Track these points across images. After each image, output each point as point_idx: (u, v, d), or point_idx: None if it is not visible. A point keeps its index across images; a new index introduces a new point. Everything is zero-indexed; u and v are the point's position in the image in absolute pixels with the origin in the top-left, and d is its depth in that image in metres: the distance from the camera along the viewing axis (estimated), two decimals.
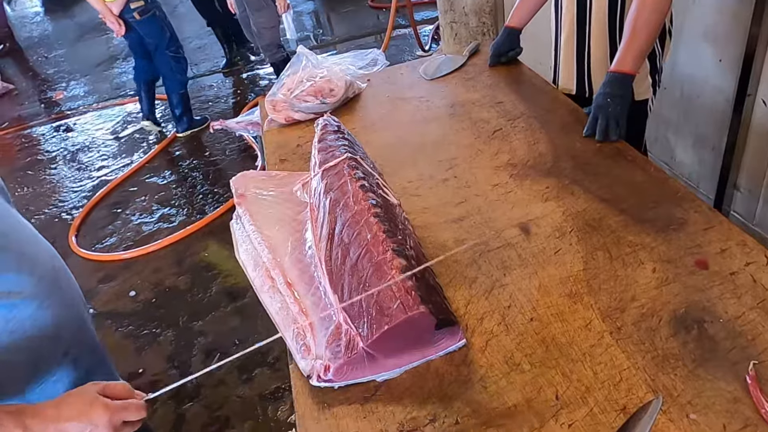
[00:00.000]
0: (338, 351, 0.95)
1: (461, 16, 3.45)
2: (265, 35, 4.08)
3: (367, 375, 0.97)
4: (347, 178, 1.16)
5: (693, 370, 0.92)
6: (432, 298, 0.94)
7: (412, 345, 0.97)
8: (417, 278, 0.96)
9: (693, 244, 1.16)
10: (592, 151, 1.49)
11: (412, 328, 0.93)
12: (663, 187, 1.33)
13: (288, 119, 1.88)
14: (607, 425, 0.86)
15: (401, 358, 0.97)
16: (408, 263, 0.97)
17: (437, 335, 0.97)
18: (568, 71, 1.81)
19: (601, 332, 1.01)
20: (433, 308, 0.92)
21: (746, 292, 1.04)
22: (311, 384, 0.97)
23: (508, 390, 0.93)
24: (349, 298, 0.98)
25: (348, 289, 0.99)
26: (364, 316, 0.94)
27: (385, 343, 0.93)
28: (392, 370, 0.97)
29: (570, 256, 1.18)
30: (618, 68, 1.50)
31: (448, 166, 1.53)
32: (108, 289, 2.92)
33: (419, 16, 5.42)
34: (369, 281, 0.96)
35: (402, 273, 0.94)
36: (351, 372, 0.95)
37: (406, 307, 0.90)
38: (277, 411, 2.11)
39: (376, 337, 0.91)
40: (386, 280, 0.94)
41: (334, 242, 1.07)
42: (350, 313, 0.98)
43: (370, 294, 0.94)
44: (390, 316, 0.91)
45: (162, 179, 3.84)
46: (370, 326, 0.92)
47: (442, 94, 1.93)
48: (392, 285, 0.93)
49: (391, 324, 0.90)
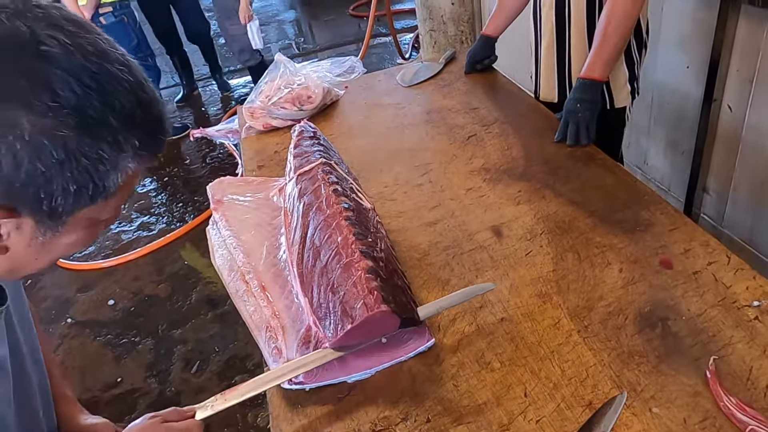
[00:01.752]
0: (307, 353, 0.96)
1: (440, 24, 3.50)
2: (236, 41, 4.13)
3: (338, 377, 0.98)
4: (321, 183, 1.17)
5: (656, 366, 0.95)
6: (396, 297, 0.96)
7: (381, 347, 0.99)
8: (382, 279, 0.97)
9: (658, 244, 1.20)
10: (563, 156, 1.53)
11: (377, 327, 0.94)
12: (631, 190, 1.37)
13: (266, 126, 1.89)
14: (574, 420, 0.88)
15: (371, 359, 0.98)
16: (375, 264, 0.98)
17: (405, 336, 0.99)
18: (549, 81, 1.81)
19: (569, 331, 1.03)
20: (396, 307, 0.94)
21: (708, 291, 1.07)
22: (282, 387, 0.99)
23: (479, 388, 0.96)
24: (317, 300, 0.99)
25: (317, 291, 1.00)
26: (330, 316, 0.95)
27: (350, 342, 0.94)
28: (362, 372, 0.98)
29: (540, 257, 1.20)
30: (588, 74, 1.54)
31: (424, 171, 1.55)
32: (86, 298, 2.89)
33: (399, 25, 5.48)
34: (337, 281, 0.97)
35: (367, 273, 0.96)
36: (321, 374, 0.96)
37: (368, 307, 0.92)
38: (257, 417, 2.11)
39: (340, 336, 0.93)
40: (352, 279, 0.95)
41: (306, 246, 1.09)
42: (318, 314, 0.99)
43: (337, 295, 0.95)
44: (353, 316, 0.92)
45: (141, 187, 3.82)
46: (335, 326, 0.94)
47: (419, 100, 1.96)
48: (356, 285, 0.94)
49: (354, 323, 0.91)
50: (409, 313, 0.97)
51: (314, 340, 0.98)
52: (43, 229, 0.56)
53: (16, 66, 0.48)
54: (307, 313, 1.02)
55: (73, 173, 0.52)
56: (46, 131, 0.49)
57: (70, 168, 0.51)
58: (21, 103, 0.48)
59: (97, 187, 0.54)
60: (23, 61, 0.48)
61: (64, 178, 0.51)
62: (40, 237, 0.56)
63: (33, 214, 0.54)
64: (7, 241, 0.55)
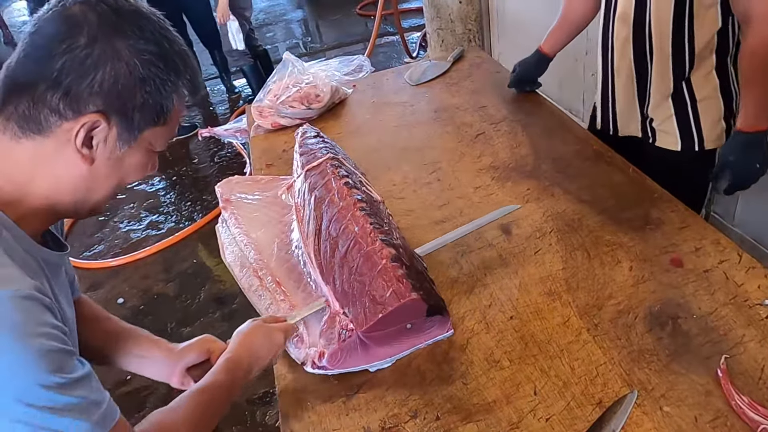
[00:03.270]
0: (332, 337, 0.99)
1: (447, 23, 3.49)
2: (226, 42, 4.18)
3: (360, 364, 0.99)
4: (330, 177, 1.18)
5: (667, 364, 0.95)
6: (423, 284, 0.99)
7: (404, 333, 1.00)
8: (407, 266, 0.99)
9: (669, 242, 1.19)
10: (572, 154, 1.53)
11: (405, 314, 0.97)
12: (641, 188, 1.37)
13: (274, 125, 1.90)
14: (584, 419, 0.88)
15: (393, 346, 1.00)
16: (396, 252, 1.00)
17: (428, 323, 1.00)
18: (629, 116, 1.52)
19: (578, 329, 1.03)
20: (425, 295, 0.97)
21: (719, 289, 1.06)
22: (306, 371, 1.00)
23: (488, 386, 0.95)
24: (341, 288, 1.00)
25: (340, 280, 1.02)
26: (358, 304, 0.98)
27: (379, 330, 0.96)
28: (384, 359, 1.00)
29: (549, 255, 1.20)
30: (753, 126, 1.27)
31: (432, 170, 1.55)
32: (96, 296, 2.91)
33: (407, 24, 5.47)
34: (360, 271, 0.99)
35: (392, 261, 0.98)
36: (344, 359, 0.98)
37: (399, 295, 0.94)
38: (266, 416, 2.12)
39: (371, 324, 0.95)
40: (377, 268, 0.97)
41: (321, 237, 1.10)
42: (343, 302, 1.01)
43: (363, 284, 0.97)
44: (383, 303, 0.95)
45: (150, 186, 3.83)
46: (365, 314, 0.96)
47: (427, 99, 1.96)
48: (383, 274, 0.96)
49: (385, 311, 0.94)
50: (435, 300, 0.99)
51: (339, 325, 1.00)
52: (120, 142, 0.72)
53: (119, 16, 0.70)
54: (332, 299, 1.04)
55: (150, 90, 0.71)
56: (137, 54, 0.69)
57: (148, 85, 0.70)
58: (123, 37, 0.69)
59: (161, 108, 0.73)
60: (127, 14, 0.70)
61: (143, 93, 0.70)
62: (117, 151, 0.72)
63: (118, 123, 0.70)
64: (95, 153, 0.71)
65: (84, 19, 0.68)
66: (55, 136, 0.69)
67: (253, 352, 0.92)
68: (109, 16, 0.69)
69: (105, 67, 0.67)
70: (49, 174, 0.71)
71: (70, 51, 0.66)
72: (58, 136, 0.69)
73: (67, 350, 0.64)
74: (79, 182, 0.72)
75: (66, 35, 0.67)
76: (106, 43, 0.68)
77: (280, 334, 0.96)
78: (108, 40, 0.68)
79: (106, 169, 0.73)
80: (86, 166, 0.71)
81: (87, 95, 0.67)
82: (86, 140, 0.70)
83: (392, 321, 0.97)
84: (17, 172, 0.70)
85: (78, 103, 0.68)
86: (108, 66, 0.68)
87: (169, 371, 0.99)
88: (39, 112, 0.68)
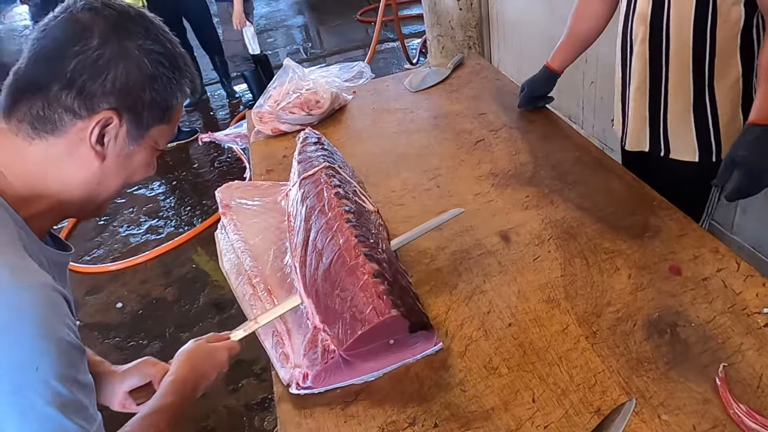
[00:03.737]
0: (315, 358, 0.97)
1: (448, 29, 3.51)
2: (229, 47, 4.20)
3: (346, 380, 0.98)
4: (323, 186, 1.18)
5: (665, 372, 0.95)
6: (405, 300, 0.96)
7: (388, 349, 0.99)
8: (389, 282, 0.97)
9: (667, 250, 1.19)
10: (571, 161, 1.53)
11: (386, 331, 0.95)
12: (640, 196, 1.37)
13: (275, 131, 1.90)
14: (582, 426, 0.88)
15: (378, 361, 0.99)
16: (380, 267, 0.99)
17: (413, 338, 0.99)
18: (637, 127, 1.46)
19: (577, 337, 1.03)
20: (405, 311, 0.94)
21: (717, 297, 1.07)
22: (291, 392, 0.99)
23: (486, 393, 0.95)
24: (324, 303, 1.00)
25: (322, 295, 1.01)
26: (339, 321, 0.96)
27: (360, 347, 0.95)
28: (369, 374, 0.99)
29: (548, 263, 1.20)
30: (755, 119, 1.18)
31: (432, 176, 1.56)
32: (95, 301, 2.90)
33: (407, 30, 5.48)
34: (342, 286, 0.98)
35: (374, 277, 0.96)
36: (329, 378, 0.97)
37: (379, 312, 0.92)
38: (264, 421, 2.11)
39: (350, 342, 0.93)
40: (359, 284, 0.96)
41: (308, 249, 1.10)
42: (326, 318, 1.00)
43: (344, 299, 0.95)
44: (363, 321, 0.93)
45: (150, 191, 3.84)
46: (345, 331, 0.94)
47: (426, 105, 1.96)
48: (364, 290, 0.94)
49: (364, 329, 0.92)
50: (417, 317, 0.97)
51: (321, 344, 0.98)
52: (129, 139, 0.75)
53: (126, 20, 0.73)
54: (312, 315, 1.02)
55: (158, 88, 0.75)
56: (146, 54, 0.73)
57: (156, 83, 0.74)
58: (132, 38, 0.72)
59: (167, 105, 0.77)
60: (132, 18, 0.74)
61: (152, 90, 0.74)
62: (126, 148, 0.76)
63: (128, 120, 0.74)
64: (106, 150, 0.74)
65: (93, 23, 0.71)
66: (68, 135, 0.71)
67: (198, 371, 0.93)
68: (117, 19, 0.73)
69: (117, 67, 0.71)
70: (61, 173, 0.73)
71: (83, 53, 0.69)
72: (71, 135, 0.72)
73: (81, 348, 0.67)
74: (89, 180, 0.75)
75: (77, 38, 0.70)
76: (116, 44, 0.71)
77: (224, 351, 0.98)
78: (118, 41, 0.71)
79: (115, 167, 0.76)
80: (98, 163, 0.74)
81: (100, 94, 0.71)
82: (99, 138, 0.73)
83: (373, 337, 0.95)
84: (30, 172, 0.72)
85: (92, 102, 0.71)
86: (120, 65, 0.71)
87: (111, 394, 0.97)
88: (53, 111, 0.70)
